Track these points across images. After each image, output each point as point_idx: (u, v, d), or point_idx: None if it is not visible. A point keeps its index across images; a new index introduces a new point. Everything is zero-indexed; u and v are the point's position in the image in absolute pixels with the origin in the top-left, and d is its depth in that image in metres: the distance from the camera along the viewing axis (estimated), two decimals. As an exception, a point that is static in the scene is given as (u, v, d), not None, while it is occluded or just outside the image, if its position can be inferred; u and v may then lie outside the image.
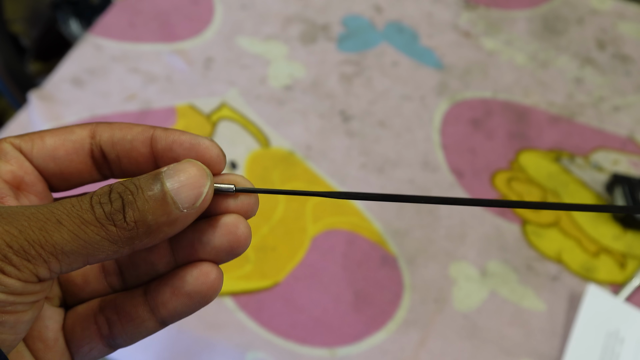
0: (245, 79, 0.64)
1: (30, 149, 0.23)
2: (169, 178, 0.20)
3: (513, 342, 0.48)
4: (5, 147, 0.22)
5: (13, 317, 0.18)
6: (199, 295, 0.21)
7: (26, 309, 0.19)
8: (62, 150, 0.23)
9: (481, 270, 0.52)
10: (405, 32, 0.71)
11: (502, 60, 0.70)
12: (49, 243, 0.18)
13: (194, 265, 0.22)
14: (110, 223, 0.19)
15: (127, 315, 0.22)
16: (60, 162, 0.23)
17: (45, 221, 0.18)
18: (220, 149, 0.22)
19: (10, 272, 0.18)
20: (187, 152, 0.22)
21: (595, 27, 0.74)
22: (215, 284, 0.22)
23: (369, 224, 0.54)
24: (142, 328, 0.22)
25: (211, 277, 0.21)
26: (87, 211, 0.19)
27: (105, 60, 0.64)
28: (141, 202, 0.19)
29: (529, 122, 0.64)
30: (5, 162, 0.22)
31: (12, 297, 0.18)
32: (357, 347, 0.47)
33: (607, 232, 0.55)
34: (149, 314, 0.22)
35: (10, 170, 0.22)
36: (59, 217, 0.18)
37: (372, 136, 0.61)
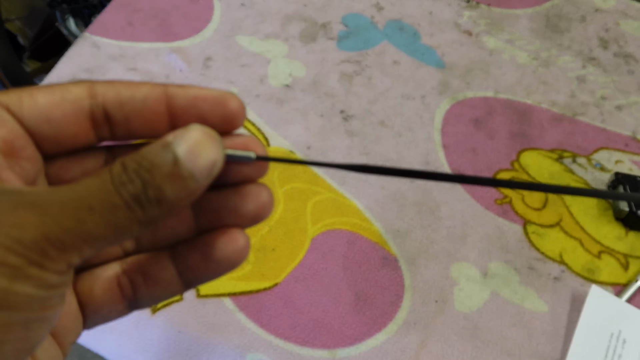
0: (244, 78, 0.64)
1: (19, 108, 0.20)
2: (180, 148, 0.18)
3: (515, 343, 0.48)
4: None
5: (51, 312, 0.18)
6: (229, 261, 0.22)
7: (60, 300, 0.18)
8: (59, 112, 0.21)
9: (482, 271, 0.52)
10: (406, 30, 0.71)
11: (503, 59, 0.69)
12: (83, 231, 0.17)
13: (223, 231, 0.22)
14: (137, 205, 0.18)
15: (153, 278, 0.22)
16: (56, 125, 0.21)
17: (78, 209, 0.17)
18: (241, 100, 0.21)
19: (49, 266, 0.17)
20: (212, 107, 0.21)
21: (598, 26, 0.74)
22: (245, 250, 0.22)
23: (369, 225, 0.53)
24: (167, 291, 0.22)
25: (240, 243, 0.22)
26: (115, 194, 0.18)
27: (103, 59, 0.63)
28: (159, 179, 0.18)
29: (531, 121, 0.63)
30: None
31: (51, 291, 0.17)
32: (357, 348, 0.47)
33: (610, 233, 0.55)
34: (176, 277, 0.22)
35: (1, 136, 0.20)
36: (90, 203, 0.17)
37: (373, 136, 0.60)
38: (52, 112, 0.21)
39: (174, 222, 0.22)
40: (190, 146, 0.19)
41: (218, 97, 0.21)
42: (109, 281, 0.22)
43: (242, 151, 0.21)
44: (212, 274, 0.22)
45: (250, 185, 0.22)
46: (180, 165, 0.18)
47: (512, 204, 0.56)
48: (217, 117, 0.21)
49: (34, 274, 0.17)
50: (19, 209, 0.17)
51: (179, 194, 0.18)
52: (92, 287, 0.22)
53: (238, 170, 0.22)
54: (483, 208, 0.56)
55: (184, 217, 0.22)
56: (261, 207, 0.22)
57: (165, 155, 0.18)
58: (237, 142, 0.22)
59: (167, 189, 0.18)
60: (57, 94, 0.21)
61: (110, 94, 0.21)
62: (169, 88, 0.21)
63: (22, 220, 0.17)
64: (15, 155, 0.20)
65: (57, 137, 0.21)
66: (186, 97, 0.21)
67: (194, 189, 0.19)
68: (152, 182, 0.18)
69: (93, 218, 0.17)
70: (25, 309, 0.17)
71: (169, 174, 0.18)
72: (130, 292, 0.22)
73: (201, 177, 0.19)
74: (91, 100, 0.21)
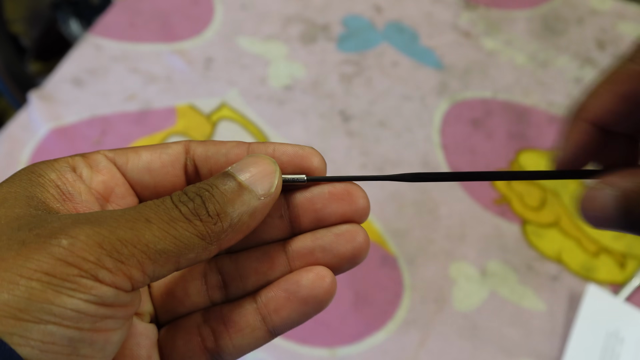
0: (245, 79, 0.64)
1: (124, 162, 0.22)
2: (239, 172, 0.20)
3: (513, 342, 0.48)
4: (97, 158, 0.22)
5: (103, 337, 0.16)
6: (315, 300, 0.21)
7: (117, 326, 0.17)
8: (158, 163, 0.22)
9: (481, 270, 0.52)
10: (405, 32, 0.71)
11: (502, 60, 0.70)
12: (141, 242, 0.17)
13: (308, 269, 0.21)
14: (196, 218, 0.18)
15: (235, 325, 0.21)
16: (155, 175, 0.22)
17: (134, 221, 0.17)
18: (321, 156, 0.22)
19: (104, 278, 0.16)
20: (290, 159, 0.22)
21: (595, 27, 0.74)
22: (332, 288, 0.21)
23: (368, 224, 0.54)
24: (251, 338, 0.21)
25: (327, 280, 0.21)
26: (173, 209, 0.18)
27: (105, 60, 0.64)
28: (219, 195, 0.19)
29: (529, 122, 0.64)
30: (97, 172, 0.22)
31: (104, 309, 0.16)
32: (357, 347, 0.47)
33: (607, 233, 0.55)
34: (260, 322, 0.21)
35: (102, 180, 0.21)
36: (147, 216, 0.18)
37: (372, 136, 0.61)
38: (152, 163, 0.22)
39: (267, 266, 0.22)
40: (249, 169, 0.20)
41: (299, 151, 0.22)
42: (191, 331, 0.22)
43: (295, 175, 0.22)
44: (297, 315, 0.21)
45: (345, 225, 0.22)
46: (239, 183, 0.19)
47: (510, 204, 0.57)
48: (297, 171, 0.22)
49: (85, 285, 0.16)
50: (76, 223, 0.17)
51: (240, 210, 0.19)
52: (175, 339, 0.22)
53: (334, 211, 0.22)
54: (482, 208, 0.56)
55: (277, 260, 0.22)
56: (357, 248, 0.21)
57: (225, 178, 0.20)
58: (339, 193, 0.22)
59: (228, 205, 0.19)
60: (157, 148, 0.23)
61: (200, 149, 0.23)
62: (251, 145, 0.22)
63: (76, 231, 0.16)
64: (113, 201, 0.22)
65: (156, 187, 0.22)
66: (266, 149, 0.22)
67: (255, 206, 0.19)
68: (211, 198, 0.19)
69: (151, 229, 0.17)
70: (72, 325, 0.15)
71: (229, 191, 0.19)
72: (213, 342, 0.21)
73: (260, 193, 0.20)
74: (186, 155, 0.23)
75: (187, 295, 0.22)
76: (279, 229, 0.22)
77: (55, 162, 0.21)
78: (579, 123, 0.20)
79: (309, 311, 0.21)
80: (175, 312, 0.22)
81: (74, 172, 0.21)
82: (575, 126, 0.20)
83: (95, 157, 0.22)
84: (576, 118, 0.20)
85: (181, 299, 0.22)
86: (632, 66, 0.18)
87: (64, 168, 0.21)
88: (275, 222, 0.22)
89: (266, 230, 0.22)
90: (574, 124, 0.20)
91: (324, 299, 0.21)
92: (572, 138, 0.21)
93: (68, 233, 0.16)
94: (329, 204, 0.22)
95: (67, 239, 0.16)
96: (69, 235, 0.16)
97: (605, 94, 0.19)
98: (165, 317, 0.23)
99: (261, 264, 0.22)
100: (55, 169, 0.20)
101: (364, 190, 0.22)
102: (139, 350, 0.21)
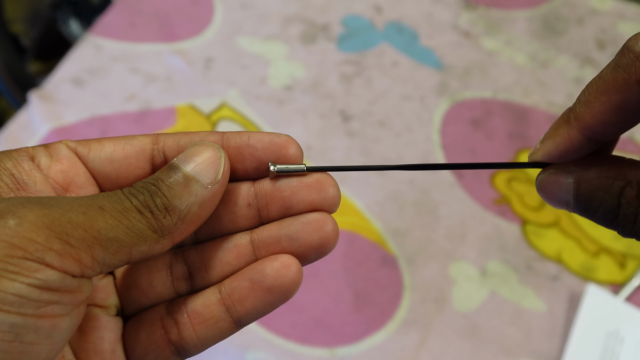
0: (245, 79, 0.64)
1: (86, 151, 0.22)
2: (184, 163, 0.20)
3: (513, 342, 0.48)
4: (58, 147, 0.22)
5: (49, 323, 0.16)
6: (280, 289, 0.20)
7: (63, 312, 0.16)
8: (121, 153, 0.22)
9: (481, 270, 0.52)
10: (405, 32, 0.71)
11: (502, 60, 0.70)
12: (93, 227, 0.17)
13: (273, 257, 0.21)
14: (147, 210, 0.18)
15: (199, 316, 0.21)
16: (118, 166, 0.22)
17: (87, 206, 0.17)
18: (298, 144, 0.22)
19: (52, 261, 0.15)
20: (266, 146, 0.21)
21: (595, 27, 0.74)
22: (297, 277, 0.21)
23: (369, 224, 0.54)
24: (215, 330, 0.21)
25: (292, 269, 0.21)
26: (125, 200, 0.18)
27: (105, 60, 0.64)
28: (165, 189, 0.19)
29: (529, 122, 0.64)
30: (57, 161, 0.21)
31: (48, 294, 0.16)
32: (357, 347, 0.47)
33: (607, 232, 0.55)
34: (224, 313, 0.21)
35: (61, 169, 0.21)
36: (100, 204, 0.18)
37: (372, 136, 0.61)
38: (115, 153, 0.22)
39: (232, 256, 0.21)
40: (194, 159, 0.20)
41: (274, 139, 0.21)
42: (153, 323, 0.21)
43: (295, 165, 0.21)
44: (262, 305, 0.20)
45: (314, 214, 0.21)
46: (183, 173, 0.19)
47: (510, 204, 0.57)
48: (272, 158, 0.21)
49: (29, 268, 0.15)
50: (24, 204, 0.16)
51: (187, 201, 0.19)
52: (138, 332, 0.21)
53: (303, 199, 0.21)
54: (482, 208, 0.56)
55: (243, 249, 0.22)
56: (324, 238, 0.21)
57: (170, 171, 0.19)
58: (308, 181, 0.21)
59: (175, 197, 0.19)
60: (122, 140, 0.22)
61: (170, 140, 0.22)
62: (225, 133, 0.22)
63: (24, 212, 0.16)
64: (73, 191, 0.21)
65: (118, 178, 0.22)
66: (241, 138, 0.21)
67: (203, 195, 0.19)
68: (157, 192, 0.19)
69: (104, 216, 0.17)
70: (14, 310, 0.15)
71: (174, 183, 0.19)
72: (176, 333, 0.21)
73: (207, 182, 0.19)
74: (153, 145, 0.22)
75: (152, 286, 0.22)
76: (247, 218, 0.22)
77: (14, 151, 0.21)
78: (569, 129, 0.20)
79: (274, 301, 0.21)
80: (140, 304, 0.22)
81: (31, 161, 0.21)
82: (565, 131, 0.20)
83: (56, 147, 0.22)
84: (567, 123, 0.20)
85: (146, 290, 0.22)
86: (621, 75, 0.18)
87: (21, 157, 0.21)
88: (243, 211, 0.22)
89: (233, 220, 0.22)
90: (563, 127, 0.21)
91: (289, 289, 0.21)
92: (559, 141, 0.21)
93: (16, 213, 0.16)
94: (297, 192, 0.21)
95: (14, 219, 0.15)
96: (16, 215, 0.16)
97: (597, 105, 0.19)
98: (130, 309, 0.22)
99: (226, 253, 0.21)
100: (12, 157, 0.20)
101: (335, 180, 0.22)
102: (103, 344, 0.21)
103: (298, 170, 0.21)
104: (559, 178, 0.20)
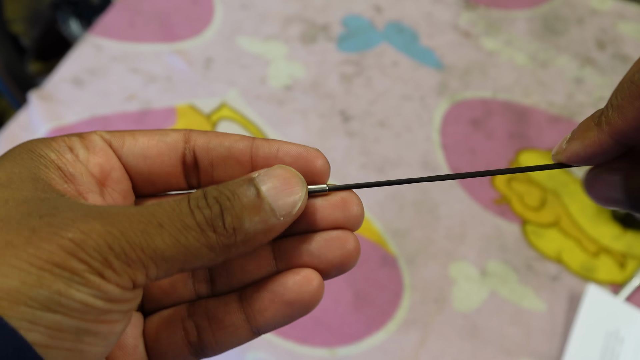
0: (245, 79, 0.64)
1: (120, 145, 0.22)
2: (263, 184, 0.19)
3: (513, 342, 0.48)
4: (94, 139, 0.21)
5: (107, 328, 0.17)
6: (300, 303, 0.20)
7: (120, 318, 0.17)
8: (155, 150, 0.22)
9: (481, 270, 0.52)
10: (405, 32, 0.71)
11: (502, 60, 0.70)
12: (150, 247, 0.17)
13: (295, 271, 0.21)
14: (210, 229, 0.18)
15: (219, 322, 0.21)
16: (151, 162, 0.22)
17: (146, 223, 0.17)
18: (326, 158, 0.21)
19: (110, 277, 0.16)
20: (294, 160, 0.21)
21: (595, 27, 0.74)
22: (318, 292, 0.21)
23: (368, 224, 0.54)
24: (234, 336, 0.21)
25: (314, 284, 0.21)
26: (188, 215, 0.18)
27: (105, 60, 0.64)
28: (239, 208, 0.18)
29: (529, 122, 0.64)
30: (94, 154, 0.21)
31: (109, 304, 0.17)
32: (357, 347, 0.47)
33: (607, 232, 0.55)
34: (244, 321, 0.21)
35: (98, 163, 0.21)
36: (160, 220, 0.17)
37: (372, 136, 0.61)
38: (149, 149, 0.22)
39: (253, 265, 0.22)
40: (274, 182, 0.19)
41: (302, 152, 0.21)
42: (175, 324, 0.22)
43: (316, 185, 0.21)
44: (282, 317, 0.21)
45: (336, 231, 0.21)
46: (262, 198, 0.19)
47: (510, 204, 0.57)
48: (299, 172, 0.21)
49: (93, 282, 0.16)
50: (87, 217, 0.17)
51: (257, 227, 0.18)
52: (159, 330, 0.22)
53: (327, 216, 0.21)
54: (482, 208, 0.56)
55: (264, 260, 0.22)
56: (346, 255, 0.21)
57: (248, 188, 0.19)
58: (333, 200, 0.21)
59: (246, 219, 0.18)
60: (155, 135, 0.22)
61: (201, 140, 0.22)
62: (256, 140, 0.22)
63: (88, 227, 0.16)
64: (109, 186, 0.21)
65: (150, 174, 0.22)
66: (270, 148, 0.21)
67: (273, 225, 0.19)
68: (231, 209, 0.18)
69: (161, 235, 0.17)
70: (79, 316, 0.16)
71: (250, 205, 0.18)
72: (196, 337, 0.21)
73: (281, 213, 0.19)
74: (185, 144, 0.22)
75: (174, 287, 0.22)
76: None
77: (52, 141, 0.20)
78: (600, 133, 0.20)
79: (293, 314, 0.21)
80: (161, 303, 0.22)
81: (72, 153, 0.21)
82: (595, 134, 0.20)
83: (92, 138, 0.21)
84: (598, 127, 0.20)
85: (167, 291, 0.22)
86: None
87: (62, 148, 0.20)
88: None
89: None
90: (593, 131, 0.20)
91: (310, 303, 0.21)
92: (588, 144, 0.20)
93: (79, 227, 0.16)
94: (322, 210, 0.21)
95: (78, 234, 0.16)
96: (80, 230, 0.16)
97: (630, 110, 0.19)
98: (150, 306, 0.22)
99: (248, 262, 0.22)
100: (54, 149, 0.20)
101: (359, 198, 0.21)
102: (127, 339, 0.21)
103: (320, 190, 0.21)
104: (608, 177, 0.20)
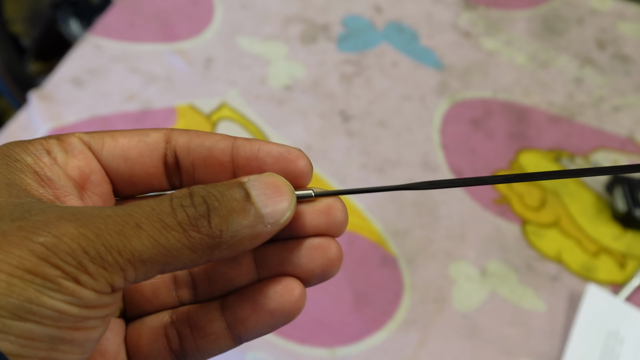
0: (245, 79, 0.64)
1: (100, 146, 0.21)
2: (254, 189, 0.18)
3: (513, 342, 0.48)
4: (73, 142, 0.21)
5: (83, 335, 0.16)
6: (282, 313, 0.20)
7: (97, 324, 0.17)
8: (135, 151, 0.21)
9: (481, 270, 0.52)
10: (405, 32, 0.71)
11: (502, 60, 0.70)
12: (127, 249, 0.16)
13: (277, 280, 0.20)
14: (193, 229, 0.17)
15: (201, 330, 0.21)
16: (132, 164, 0.21)
17: (123, 224, 0.16)
18: (309, 159, 0.21)
19: (86, 282, 0.16)
20: (275, 161, 0.20)
21: (595, 27, 0.74)
22: (300, 302, 0.20)
23: (369, 224, 0.54)
24: (216, 345, 0.21)
25: (295, 293, 0.20)
26: (169, 214, 0.17)
27: (105, 61, 0.64)
28: (227, 210, 0.17)
29: (529, 122, 0.64)
30: (73, 157, 0.20)
31: (86, 310, 0.16)
32: (357, 347, 0.47)
33: (607, 232, 0.55)
34: (225, 330, 0.21)
35: (77, 166, 0.20)
36: (137, 221, 0.16)
37: (372, 136, 0.61)
38: (129, 150, 0.21)
39: (234, 272, 0.21)
40: (265, 189, 0.19)
41: (284, 153, 0.20)
42: (157, 331, 0.21)
43: (302, 190, 0.21)
44: (263, 326, 0.20)
45: (318, 238, 0.21)
46: (252, 202, 0.18)
47: (510, 204, 0.57)
48: (281, 173, 0.20)
49: (67, 288, 0.15)
50: (61, 220, 0.16)
51: (243, 232, 0.18)
52: (140, 337, 0.21)
53: (309, 222, 0.21)
54: (482, 208, 0.56)
55: (245, 267, 0.21)
56: (328, 264, 0.21)
57: (239, 190, 0.18)
58: (318, 207, 0.21)
59: (233, 222, 0.18)
60: (136, 136, 0.21)
61: (182, 140, 0.21)
62: (237, 140, 0.21)
63: (61, 230, 0.16)
64: (89, 189, 0.21)
65: (131, 176, 0.21)
66: (251, 149, 0.21)
67: (259, 231, 0.18)
68: (219, 210, 0.17)
69: (139, 236, 0.16)
70: (52, 324, 0.15)
71: (239, 208, 0.18)
72: (177, 344, 0.21)
73: (269, 221, 0.18)
74: (166, 144, 0.21)
75: (156, 294, 0.22)
76: None
77: (29, 144, 0.20)
78: None
79: (275, 323, 0.20)
80: (143, 309, 0.22)
81: (49, 156, 0.20)
82: None
83: (70, 141, 0.21)
84: None
85: (150, 297, 0.22)
86: None
87: (39, 151, 0.20)
88: None
89: None
90: None
91: (292, 312, 0.20)
92: None
93: (52, 231, 0.16)
94: (305, 217, 0.21)
95: (50, 237, 0.15)
96: (52, 233, 0.16)
97: None
98: (132, 312, 0.22)
99: (229, 269, 0.21)
100: (31, 153, 0.20)
101: (344, 204, 0.21)
102: (108, 346, 0.20)
103: (306, 196, 0.20)
104: None
